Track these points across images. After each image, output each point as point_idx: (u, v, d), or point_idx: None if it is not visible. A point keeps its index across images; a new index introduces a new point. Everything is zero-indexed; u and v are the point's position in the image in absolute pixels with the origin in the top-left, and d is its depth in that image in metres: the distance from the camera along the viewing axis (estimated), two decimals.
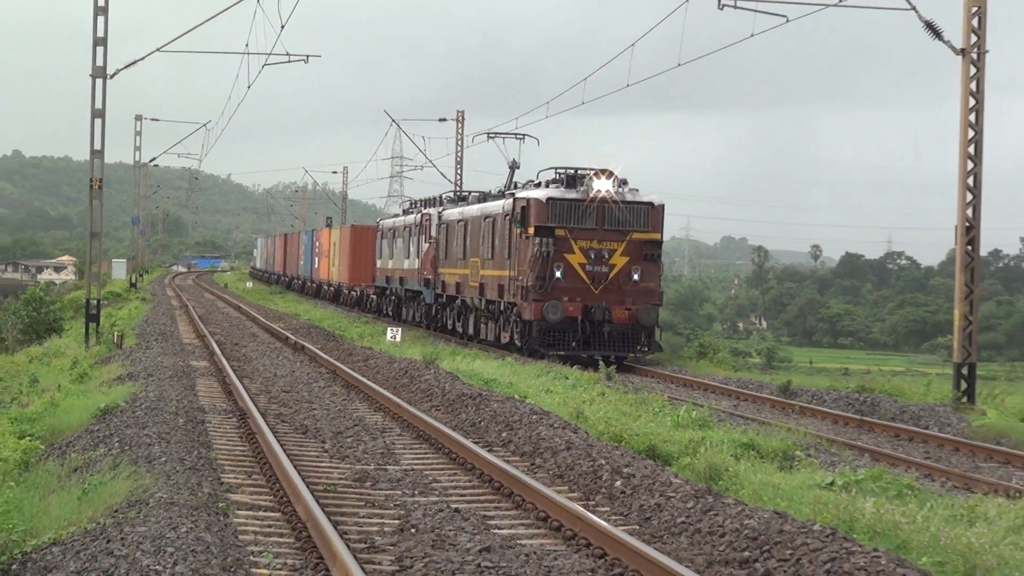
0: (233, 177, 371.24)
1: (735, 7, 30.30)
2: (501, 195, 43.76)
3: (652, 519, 14.63)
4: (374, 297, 65.67)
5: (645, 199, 38.12)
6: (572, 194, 37.38)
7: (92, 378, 29.74)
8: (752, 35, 32.29)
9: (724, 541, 13.11)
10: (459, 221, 46.69)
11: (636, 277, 37.31)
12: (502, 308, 40.34)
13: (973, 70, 28.13)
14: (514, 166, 46.79)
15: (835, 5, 29.79)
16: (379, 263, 63.55)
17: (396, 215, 63.47)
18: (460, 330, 47.10)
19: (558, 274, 36.67)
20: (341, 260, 72.11)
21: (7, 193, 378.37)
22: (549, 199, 37.16)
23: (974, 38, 28.11)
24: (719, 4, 30.42)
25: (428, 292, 50.87)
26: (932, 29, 28.40)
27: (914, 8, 28.45)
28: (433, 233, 50.40)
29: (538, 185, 39.83)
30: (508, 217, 39.25)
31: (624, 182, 38.04)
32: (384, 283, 61.85)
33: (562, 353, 36.54)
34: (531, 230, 37.02)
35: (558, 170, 38.91)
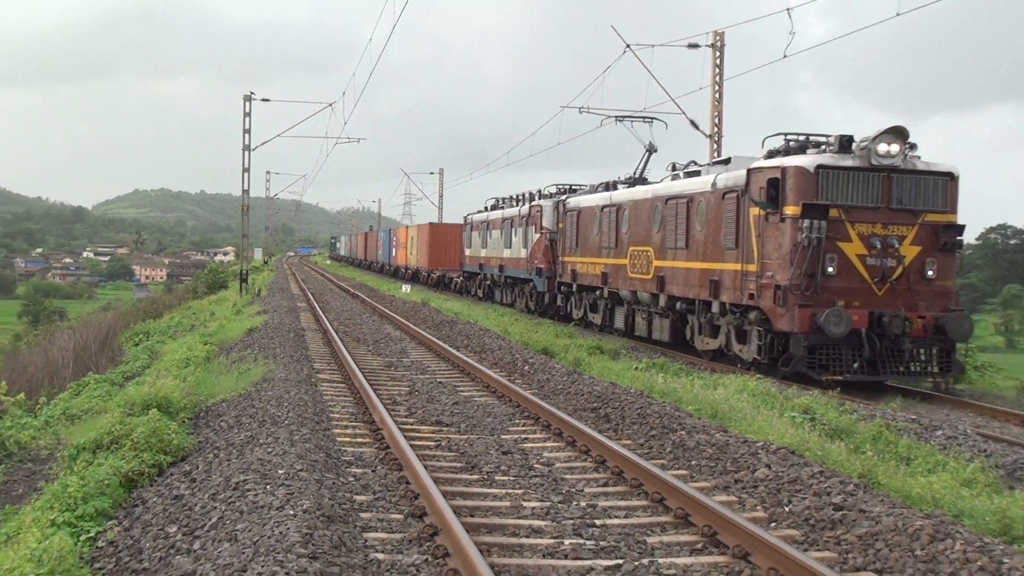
0: (319, 204, 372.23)
1: (589, 112, 30.15)
2: (639, 180, 25.53)
3: (544, 386, 14.65)
4: (458, 280, 45.11)
5: (940, 168, 16.15)
6: (848, 161, 15.79)
7: (243, 312, 29.44)
8: (601, 124, 32.19)
9: (583, 398, 13.17)
10: (605, 207, 24.30)
11: (931, 273, 15.96)
12: (719, 310, 18.20)
13: (715, 146, 28.23)
14: (651, 149, 26.50)
15: (641, 111, 29.70)
16: (468, 252, 42.02)
17: (480, 211, 41.31)
18: (597, 323, 25.24)
19: (830, 269, 15.60)
20: (420, 249, 53.23)
21: (197, 213, 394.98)
22: (819, 167, 15.63)
23: (716, 128, 28.22)
24: (579, 111, 30.27)
25: (540, 280, 30.15)
26: (693, 124, 28.37)
27: (683, 112, 28.40)
28: (545, 223, 29.64)
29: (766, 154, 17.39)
30: (736, 195, 17.25)
31: (913, 145, 16.09)
32: (476, 269, 40.20)
33: (839, 378, 15.44)
34: (790, 210, 15.73)
35: (788, 136, 17.07)
